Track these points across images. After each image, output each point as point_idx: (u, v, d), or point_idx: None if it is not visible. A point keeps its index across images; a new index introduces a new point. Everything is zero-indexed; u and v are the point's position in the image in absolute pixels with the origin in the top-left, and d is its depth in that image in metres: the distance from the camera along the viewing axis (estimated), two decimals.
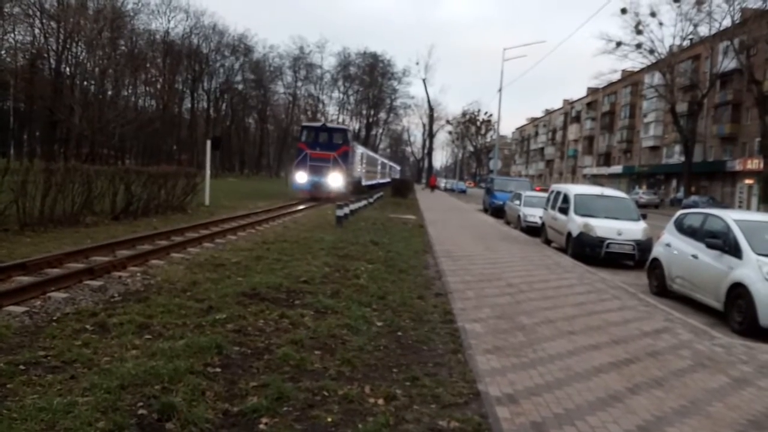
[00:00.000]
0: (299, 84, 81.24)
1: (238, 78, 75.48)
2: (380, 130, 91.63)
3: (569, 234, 14.41)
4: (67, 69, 50.86)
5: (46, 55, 50.81)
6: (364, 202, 24.89)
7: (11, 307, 6.21)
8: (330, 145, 29.22)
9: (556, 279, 10.55)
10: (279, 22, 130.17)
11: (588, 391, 4.90)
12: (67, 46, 49.70)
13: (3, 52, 48.58)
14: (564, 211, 15.18)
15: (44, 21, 48.64)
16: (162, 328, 5.75)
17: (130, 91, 64.33)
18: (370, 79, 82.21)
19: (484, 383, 4.89)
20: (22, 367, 4.56)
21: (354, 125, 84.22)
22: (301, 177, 28.72)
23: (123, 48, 57.24)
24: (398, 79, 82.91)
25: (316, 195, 28.16)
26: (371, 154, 51.28)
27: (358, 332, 6.09)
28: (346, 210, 18.42)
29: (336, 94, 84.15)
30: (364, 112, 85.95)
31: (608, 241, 13.47)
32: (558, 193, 16.45)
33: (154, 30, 64.56)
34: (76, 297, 6.95)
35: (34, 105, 49.86)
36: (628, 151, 73.30)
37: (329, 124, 33.74)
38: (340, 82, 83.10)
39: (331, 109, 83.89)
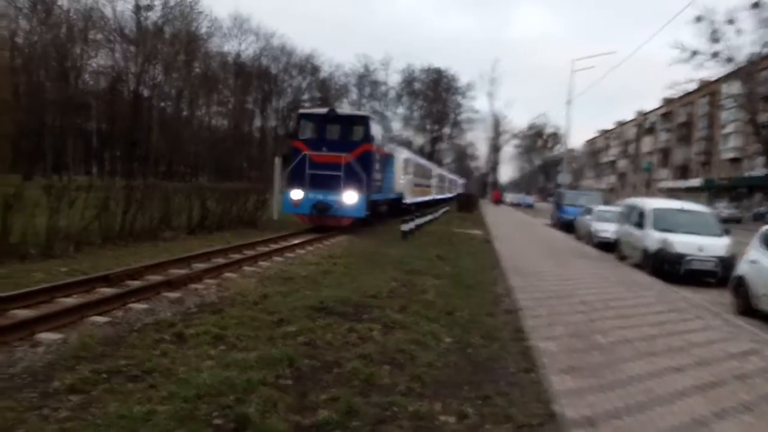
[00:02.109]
0: (364, 101, 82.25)
1: (306, 96, 77.32)
2: (445, 145, 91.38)
3: (646, 250, 13.82)
4: (145, 91, 53.55)
5: (125, 78, 53.71)
6: (429, 217, 24.82)
7: (95, 317, 6.51)
8: (343, 142, 18.33)
9: (633, 297, 10.12)
10: (345, 41, 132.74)
11: (671, 416, 4.65)
12: (145, 69, 52.39)
13: (86, 75, 51.85)
14: (640, 226, 14.59)
15: (124, 46, 51.54)
16: (236, 340, 5.86)
17: (203, 111, 67.05)
18: (434, 94, 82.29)
19: (560, 404, 4.71)
20: (104, 375, 4.73)
21: (419, 140, 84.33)
22: (296, 194, 17.82)
23: (197, 70, 59.81)
24: (462, 93, 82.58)
25: (319, 222, 17.97)
26: (423, 162, 38.86)
27: (426, 348, 6.02)
28: (412, 225, 18.41)
29: (400, 110, 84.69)
30: (429, 127, 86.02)
31: (688, 258, 12.83)
32: (633, 207, 15.88)
33: (226, 52, 67.20)
34: (155, 308, 7.21)
35: (114, 125, 52.64)
36: (707, 164, 69.88)
37: (341, 111, 20.95)
38: (404, 98, 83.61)
39: (396, 125, 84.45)
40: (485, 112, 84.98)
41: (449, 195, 54.70)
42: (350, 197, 17.60)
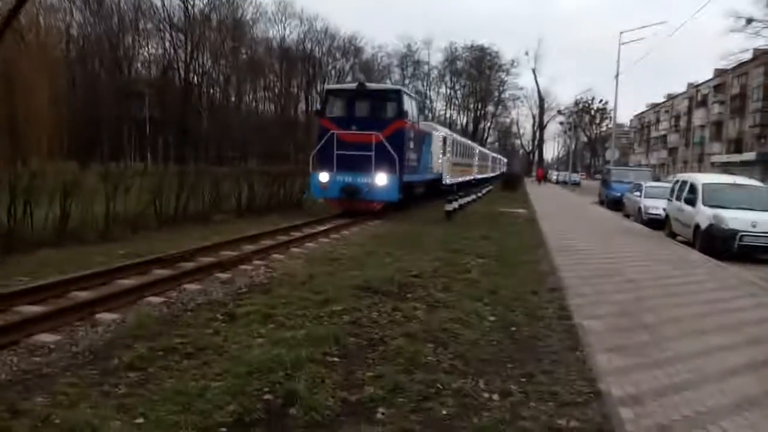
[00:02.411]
0: (407, 81, 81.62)
1: (349, 79, 77.19)
2: (488, 124, 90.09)
3: (697, 226, 13.43)
4: (195, 78, 54.61)
5: (175, 65, 54.87)
6: (473, 196, 24.67)
7: (151, 297, 6.82)
8: (374, 120, 16.90)
9: (683, 275, 9.87)
10: (387, 21, 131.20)
11: (721, 394, 4.56)
12: (194, 56, 53.39)
13: (138, 64, 53.42)
14: (690, 202, 14.17)
15: (173, 34, 52.67)
16: (284, 318, 6.04)
17: (251, 96, 67.73)
18: (478, 72, 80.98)
19: (606, 383, 4.69)
20: (161, 353, 4.96)
21: (462, 119, 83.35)
22: (324, 176, 16.64)
23: (244, 56, 60.43)
24: (506, 70, 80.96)
25: (348, 207, 16.72)
26: (463, 140, 36.20)
27: (470, 326, 6.07)
28: (455, 204, 18.37)
29: (443, 89, 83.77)
30: (472, 105, 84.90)
31: (741, 234, 12.40)
32: (683, 182, 15.42)
33: (271, 37, 67.61)
34: (208, 288, 7.48)
35: (166, 113, 53.88)
36: (762, 137, 66.65)
37: (371, 85, 18.98)
38: (447, 77, 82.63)
39: (439, 105, 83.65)
40: (530, 89, 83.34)
41: (492, 174, 53.10)
42: (382, 179, 16.31)
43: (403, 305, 6.71)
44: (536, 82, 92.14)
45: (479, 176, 40.50)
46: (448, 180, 25.90)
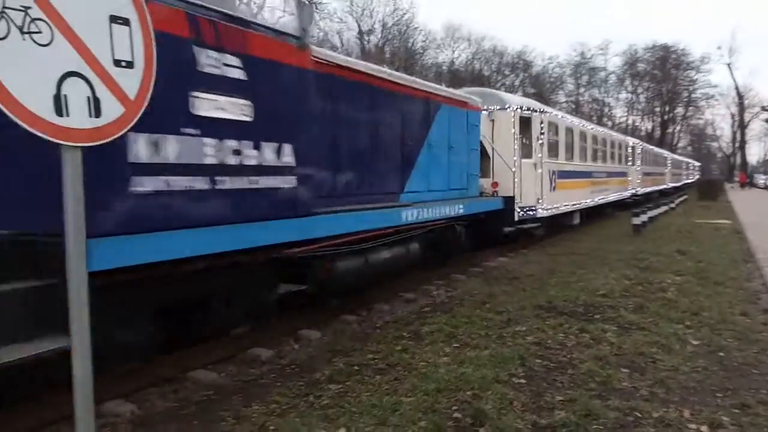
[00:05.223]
0: (581, 90, 78.20)
1: (519, 93, 76.14)
2: (678, 128, 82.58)
3: None
4: None
5: None
6: (664, 208, 22.74)
7: (346, 315, 7.34)
8: None
9: None
10: (558, 31, 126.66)
11: None
12: None
13: None
14: None
15: None
16: (467, 338, 6.11)
17: None
18: (662, 73, 74.78)
19: None
20: (356, 368, 5.29)
21: (646, 125, 77.37)
22: None
23: None
24: (696, 68, 73.74)
25: None
26: (595, 130, 19.80)
27: (670, 351, 5.63)
28: (644, 217, 17.09)
29: (623, 94, 78.64)
30: (657, 109, 78.55)
31: None
32: None
33: (440, 62, 69.16)
34: (394, 308, 7.84)
35: None
36: None
37: None
38: (627, 82, 77.50)
39: (619, 111, 78.65)
40: (725, 86, 75.26)
41: (674, 185, 43.50)
42: None
43: (590, 327, 6.42)
44: (732, 77, 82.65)
45: (645, 189, 28.27)
46: (541, 209, 13.07)
